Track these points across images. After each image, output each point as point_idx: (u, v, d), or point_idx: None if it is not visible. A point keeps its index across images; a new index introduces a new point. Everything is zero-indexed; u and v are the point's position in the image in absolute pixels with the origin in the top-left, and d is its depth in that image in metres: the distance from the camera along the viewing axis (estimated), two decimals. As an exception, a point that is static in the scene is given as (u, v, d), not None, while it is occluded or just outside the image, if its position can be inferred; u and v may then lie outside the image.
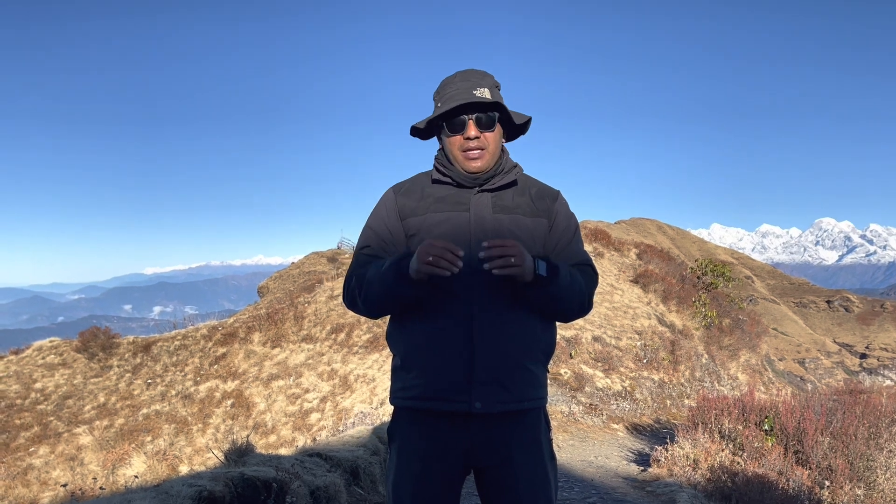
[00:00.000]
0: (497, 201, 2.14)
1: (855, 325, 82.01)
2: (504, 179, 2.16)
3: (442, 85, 2.18)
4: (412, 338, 2.09)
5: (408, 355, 2.10)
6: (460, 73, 2.17)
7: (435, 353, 2.03)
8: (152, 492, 3.51)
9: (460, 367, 2.01)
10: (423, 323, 2.06)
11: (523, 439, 2.11)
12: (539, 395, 2.14)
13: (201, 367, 17.58)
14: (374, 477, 5.73)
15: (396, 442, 2.16)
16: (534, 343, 2.11)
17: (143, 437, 14.77)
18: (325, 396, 14.58)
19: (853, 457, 6.30)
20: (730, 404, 7.35)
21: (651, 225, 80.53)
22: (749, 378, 17.30)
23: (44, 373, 17.84)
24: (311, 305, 19.19)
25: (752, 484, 5.48)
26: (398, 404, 2.16)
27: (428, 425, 2.08)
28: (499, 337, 2.03)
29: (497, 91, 2.15)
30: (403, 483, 2.09)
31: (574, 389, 11.55)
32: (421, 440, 2.09)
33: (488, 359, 2.01)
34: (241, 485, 3.95)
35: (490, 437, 2.07)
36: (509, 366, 2.04)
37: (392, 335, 2.19)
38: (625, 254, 22.91)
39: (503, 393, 2.03)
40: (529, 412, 2.13)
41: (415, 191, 2.19)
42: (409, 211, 2.14)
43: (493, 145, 2.12)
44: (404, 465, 2.10)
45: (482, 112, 2.09)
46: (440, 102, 2.14)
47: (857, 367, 60.55)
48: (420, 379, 2.06)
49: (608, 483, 6.58)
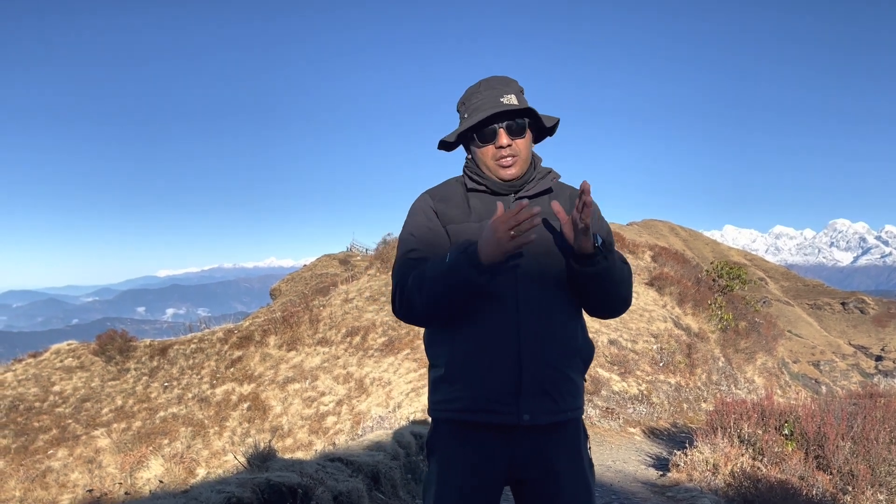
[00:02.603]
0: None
1: (870, 326, 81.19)
2: (539, 186, 2.15)
3: (466, 95, 2.15)
4: (456, 347, 2.04)
5: (451, 366, 2.05)
6: (484, 81, 2.14)
7: (482, 363, 2.00)
8: (182, 497, 3.55)
9: (508, 378, 1.98)
10: (468, 332, 2.02)
11: (566, 450, 2.10)
12: (579, 405, 2.13)
13: (217, 370, 17.68)
14: (395, 482, 5.75)
15: (437, 454, 2.13)
16: (575, 351, 2.10)
17: (161, 440, 14.87)
18: (340, 400, 14.63)
19: (875, 462, 6.26)
20: (749, 408, 7.32)
21: (663, 226, 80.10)
22: (766, 381, 17.20)
23: (62, 376, 18.00)
24: (326, 308, 19.25)
25: (774, 490, 5.46)
26: (440, 416, 2.12)
27: (472, 438, 2.05)
28: (544, 345, 2.01)
29: (522, 96, 2.14)
30: (447, 497, 2.06)
31: (590, 393, 11.53)
32: (466, 453, 2.06)
33: (535, 368, 2.00)
34: (267, 490, 3.99)
35: (535, 448, 2.06)
36: (554, 375, 2.03)
37: (432, 345, 2.15)
38: (639, 256, 22.83)
39: (550, 403, 2.02)
40: (571, 422, 2.12)
41: (451, 198, 2.16)
42: (448, 218, 2.12)
43: (525, 151, 2.11)
44: (447, 478, 2.07)
45: (511, 119, 2.07)
46: (466, 114, 2.11)
47: (872, 370, 59.95)
48: (466, 391, 2.02)
49: (627, 488, 6.57)
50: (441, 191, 2.20)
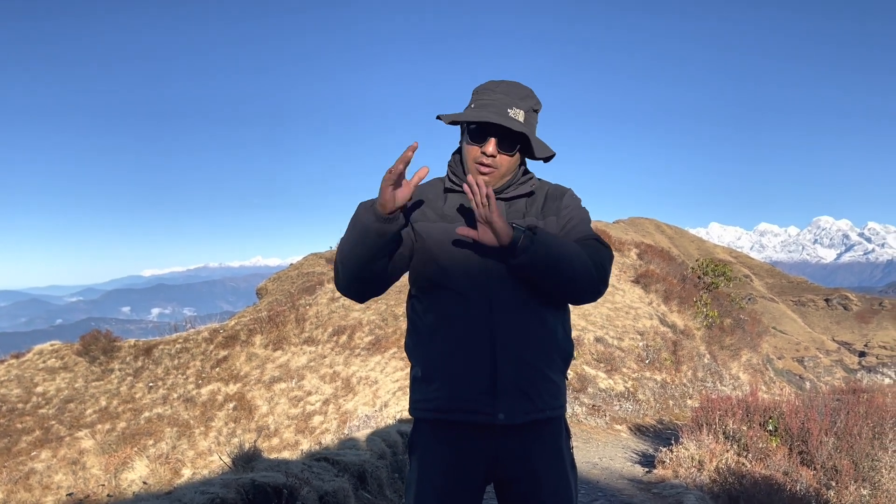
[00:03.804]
0: (511, 209, 2.14)
1: (853, 323, 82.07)
2: (519, 190, 2.16)
3: (484, 87, 2.13)
4: (432, 348, 2.06)
5: (428, 366, 2.07)
6: (507, 83, 2.12)
7: (457, 363, 2.01)
8: (165, 499, 3.52)
9: (483, 378, 1.99)
10: (443, 332, 2.04)
11: (546, 449, 2.10)
12: (560, 404, 2.13)
13: (203, 370, 17.58)
14: (381, 481, 5.73)
15: (418, 453, 2.14)
16: (554, 350, 2.10)
17: (145, 441, 14.76)
18: (327, 399, 14.59)
19: (858, 457, 6.33)
20: (733, 405, 7.37)
21: (649, 224, 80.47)
22: (751, 378, 17.33)
23: (45, 376, 17.82)
24: (312, 307, 19.19)
25: (759, 485, 5.50)
26: (419, 416, 2.14)
27: (451, 437, 2.06)
28: (520, 344, 2.01)
29: (534, 115, 2.12)
30: (426, 496, 2.07)
31: (577, 391, 11.56)
32: (444, 452, 2.07)
33: (510, 368, 2.00)
34: (251, 491, 3.96)
35: (513, 447, 2.06)
36: (531, 375, 2.03)
37: (411, 345, 2.17)
38: (625, 254, 22.92)
39: (526, 403, 2.02)
40: (551, 421, 2.12)
41: (428, 196, 2.17)
42: (420, 215, 2.13)
43: (506, 168, 2.10)
44: (427, 477, 2.09)
45: (507, 135, 2.06)
46: (474, 104, 2.10)
47: (855, 366, 60.59)
48: (442, 390, 2.04)
49: (614, 485, 6.59)
50: (419, 189, 2.20)
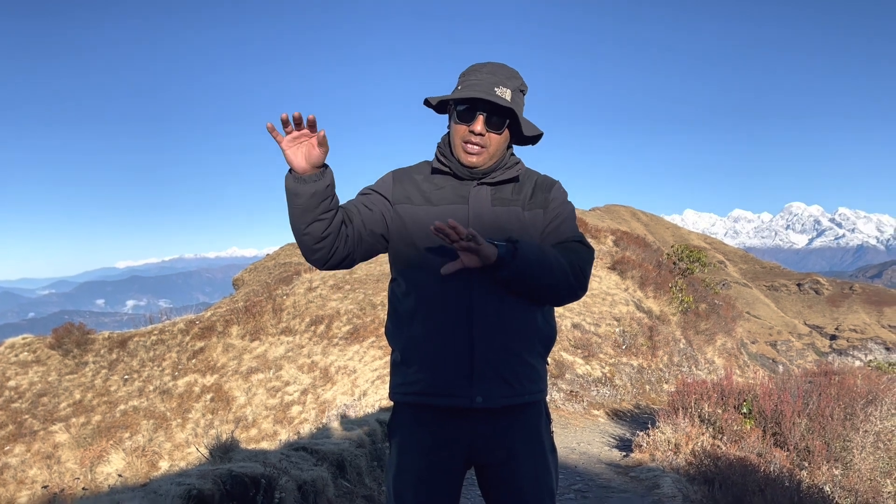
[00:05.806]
0: (496, 194, 2.14)
1: (825, 307, 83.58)
2: (505, 175, 2.15)
3: (470, 69, 2.13)
4: (411, 331, 2.06)
5: (407, 349, 2.08)
6: (492, 64, 2.12)
7: (435, 347, 2.02)
8: (140, 492, 3.48)
9: (461, 362, 2.00)
10: (422, 316, 2.04)
11: (525, 433, 2.11)
12: (539, 389, 2.14)
13: (179, 362, 17.41)
14: (360, 469, 5.73)
15: (397, 437, 2.15)
16: (533, 335, 2.10)
17: (122, 434, 14.60)
18: (305, 389, 14.53)
19: (830, 437, 6.44)
20: (709, 389, 7.46)
21: (625, 211, 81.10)
22: (725, 362, 17.57)
23: (17, 370, 17.53)
24: (289, 297, 19.07)
25: (733, 467, 5.58)
26: (399, 400, 2.14)
27: (430, 421, 2.07)
28: (498, 329, 2.02)
29: (520, 95, 2.12)
30: (405, 479, 2.08)
31: (554, 377, 11.64)
32: (423, 436, 2.08)
33: (488, 352, 2.00)
34: (229, 482, 3.93)
35: (492, 431, 2.07)
36: (509, 359, 2.03)
37: (391, 329, 2.17)
38: (601, 241, 23.06)
39: (504, 387, 2.03)
40: (530, 405, 2.13)
41: (414, 179, 2.17)
42: (403, 198, 2.12)
43: (495, 147, 2.10)
44: (406, 460, 2.09)
45: (495, 112, 2.05)
46: (461, 86, 2.10)
47: (827, 349, 61.72)
48: (420, 374, 2.04)
49: (592, 469, 6.65)
50: (405, 172, 2.22)
